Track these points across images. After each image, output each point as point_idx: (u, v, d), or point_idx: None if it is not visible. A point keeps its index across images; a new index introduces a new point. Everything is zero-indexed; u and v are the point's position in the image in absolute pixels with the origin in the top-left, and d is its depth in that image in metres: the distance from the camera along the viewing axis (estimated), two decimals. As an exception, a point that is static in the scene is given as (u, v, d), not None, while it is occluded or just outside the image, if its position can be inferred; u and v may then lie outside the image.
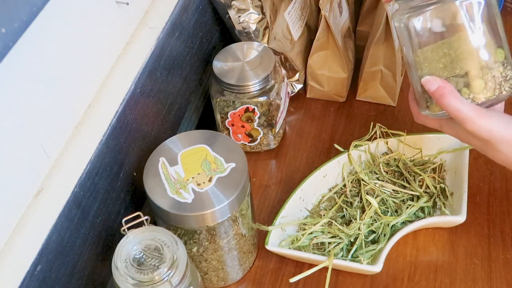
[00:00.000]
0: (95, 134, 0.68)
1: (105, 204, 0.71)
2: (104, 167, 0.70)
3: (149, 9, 0.80)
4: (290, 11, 0.98)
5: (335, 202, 0.85)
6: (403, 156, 0.87)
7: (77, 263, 0.67)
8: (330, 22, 0.91)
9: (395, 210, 0.83)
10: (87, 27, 0.66)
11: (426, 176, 0.84)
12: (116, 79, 0.72)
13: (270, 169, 0.93)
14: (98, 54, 0.70)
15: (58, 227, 0.62)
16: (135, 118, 0.75)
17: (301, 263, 0.80)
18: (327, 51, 0.95)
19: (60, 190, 0.63)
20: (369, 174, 0.86)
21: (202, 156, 0.71)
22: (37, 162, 0.61)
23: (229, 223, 0.71)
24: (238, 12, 0.91)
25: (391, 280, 0.78)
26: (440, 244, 0.81)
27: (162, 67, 0.81)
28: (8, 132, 0.56)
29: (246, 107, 0.87)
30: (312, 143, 0.95)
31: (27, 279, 0.58)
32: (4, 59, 0.47)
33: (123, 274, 0.60)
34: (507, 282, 0.77)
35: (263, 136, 0.92)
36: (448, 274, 0.78)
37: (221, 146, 0.72)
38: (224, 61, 0.87)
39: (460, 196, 0.80)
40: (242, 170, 0.70)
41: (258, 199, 0.88)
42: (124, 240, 0.63)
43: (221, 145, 0.73)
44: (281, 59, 0.96)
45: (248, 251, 0.78)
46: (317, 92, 1.01)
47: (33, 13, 0.49)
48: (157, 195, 0.68)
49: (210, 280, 0.78)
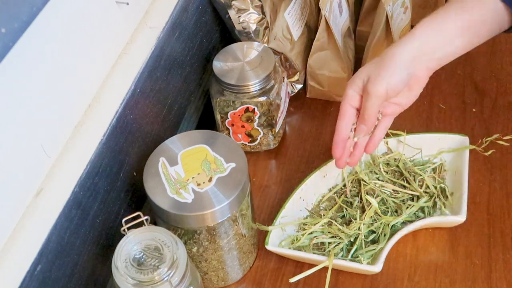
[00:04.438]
0: (95, 134, 0.68)
1: (105, 204, 0.71)
2: (104, 167, 0.70)
3: (149, 9, 0.80)
4: (290, 11, 0.98)
5: (335, 202, 0.85)
6: (403, 156, 0.87)
7: (77, 263, 0.67)
8: (330, 22, 0.91)
9: (395, 210, 0.82)
10: (87, 27, 0.66)
11: (426, 176, 0.84)
12: (116, 79, 0.72)
13: (270, 169, 0.93)
14: (98, 54, 0.70)
15: (58, 227, 0.62)
16: (135, 118, 0.75)
17: (301, 263, 0.80)
18: (327, 51, 0.95)
19: (60, 190, 0.63)
20: (369, 174, 0.86)
21: (202, 156, 0.71)
22: (37, 162, 0.61)
23: (229, 223, 0.71)
24: (238, 12, 0.91)
25: (391, 280, 0.78)
26: (440, 244, 0.81)
27: (162, 67, 0.81)
28: (8, 132, 0.56)
29: (246, 107, 0.87)
30: (312, 143, 0.95)
31: (27, 279, 0.58)
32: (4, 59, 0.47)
33: (123, 274, 0.60)
34: (507, 282, 0.77)
35: (263, 136, 0.92)
36: (448, 274, 0.78)
37: (221, 146, 0.72)
38: (224, 61, 0.87)
39: (460, 196, 0.80)
40: (242, 170, 0.70)
41: (258, 199, 0.88)
42: (124, 240, 0.63)
43: (221, 145, 0.72)
44: (281, 59, 0.96)
45: (248, 251, 0.78)
46: (317, 92, 1.01)
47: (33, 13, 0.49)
48: (157, 195, 0.68)
49: (210, 280, 0.78)
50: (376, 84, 0.70)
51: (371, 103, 0.71)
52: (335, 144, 0.76)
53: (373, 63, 0.72)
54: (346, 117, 0.74)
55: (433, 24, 0.69)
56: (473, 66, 1.03)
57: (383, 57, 0.71)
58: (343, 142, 0.75)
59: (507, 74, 1.02)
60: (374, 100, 0.70)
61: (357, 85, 0.72)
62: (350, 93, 0.73)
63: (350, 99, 0.73)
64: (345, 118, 0.74)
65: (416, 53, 0.69)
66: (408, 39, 0.70)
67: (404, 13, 0.97)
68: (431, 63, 0.70)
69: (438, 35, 0.69)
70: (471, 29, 0.69)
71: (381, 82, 0.69)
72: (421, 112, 0.97)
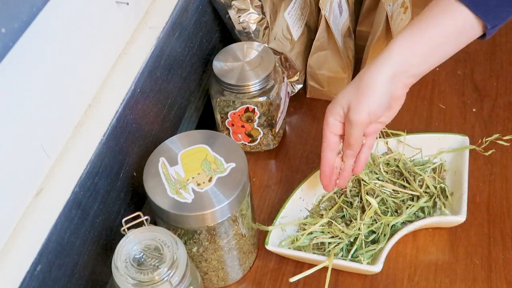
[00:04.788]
0: (95, 134, 0.68)
1: (105, 204, 0.71)
2: (104, 167, 0.70)
3: (149, 9, 0.80)
4: (290, 11, 0.98)
5: (335, 202, 0.85)
6: (403, 156, 0.87)
7: (77, 263, 0.67)
8: (330, 22, 0.91)
9: (395, 210, 0.83)
10: (87, 27, 0.66)
11: (426, 176, 0.84)
12: (116, 79, 0.72)
13: (270, 169, 0.93)
14: (98, 54, 0.70)
15: (58, 227, 0.62)
16: (135, 118, 0.75)
17: (301, 263, 0.80)
18: (327, 51, 0.95)
19: (60, 190, 0.63)
20: (369, 174, 0.86)
21: (202, 156, 0.71)
22: (37, 162, 0.61)
23: (229, 223, 0.71)
24: (238, 12, 0.91)
25: (391, 280, 0.78)
26: (440, 244, 0.81)
27: (162, 67, 0.81)
28: (8, 132, 0.56)
29: (246, 107, 0.87)
30: (312, 143, 0.95)
31: (27, 279, 0.58)
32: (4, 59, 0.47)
33: (123, 274, 0.60)
34: (507, 282, 0.77)
35: (263, 136, 0.92)
36: (448, 274, 0.78)
37: (221, 146, 0.72)
38: (224, 61, 0.87)
39: (460, 196, 0.80)
40: (242, 170, 0.70)
41: (258, 199, 0.88)
42: (124, 240, 0.63)
43: (221, 145, 0.73)
44: (281, 59, 0.96)
45: (248, 251, 0.78)
46: (317, 92, 1.01)
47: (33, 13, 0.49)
48: (157, 195, 0.68)
49: (210, 280, 0.78)
50: (358, 112, 0.70)
51: (355, 131, 0.71)
52: (324, 174, 0.76)
53: (351, 88, 0.71)
54: (331, 145, 0.75)
55: (407, 42, 0.68)
56: (473, 66, 1.03)
57: (360, 82, 0.70)
58: (331, 170, 0.77)
59: (507, 74, 1.02)
60: (357, 128, 0.71)
61: (338, 113, 0.72)
62: (331, 121, 0.73)
63: (331, 128, 0.74)
64: (330, 147, 0.75)
65: (394, 73, 0.69)
66: (384, 60, 0.69)
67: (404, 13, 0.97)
68: (408, 80, 0.70)
69: (414, 54, 0.69)
70: (445, 44, 0.69)
71: (363, 110, 0.69)
72: (421, 112, 0.97)
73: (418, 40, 0.68)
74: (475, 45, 0.72)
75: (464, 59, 1.04)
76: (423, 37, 0.68)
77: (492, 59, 1.04)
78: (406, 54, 0.68)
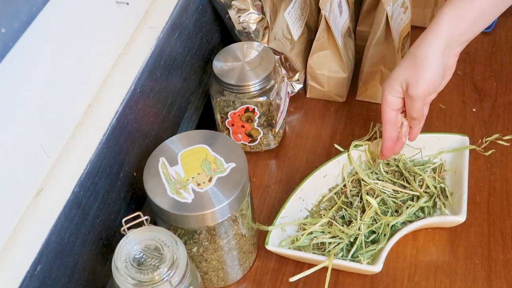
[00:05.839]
0: (95, 134, 0.68)
1: (105, 204, 0.71)
2: (104, 167, 0.70)
3: (149, 9, 0.80)
4: (290, 11, 0.98)
5: (335, 202, 0.85)
6: (403, 156, 0.87)
7: (77, 263, 0.67)
8: (330, 22, 0.91)
9: (395, 210, 0.83)
10: (87, 27, 0.66)
11: (426, 176, 0.84)
12: (116, 79, 0.72)
13: (270, 169, 0.93)
14: (98, 54, 0.70)
15: (58, 227, 0.62)
16: (135, 118, 0.75)
17: (301, 263, 0.80)
18: (327, 51, 0.95)
19: (60, 190, 0.63)
20: (369, 174, 0.86)
21: (202, 156, 0.71)
22: (37, 162, 0.61)
23: (229, 223, 0.71)
24: (238, 12, 0.91)
25: (391, 280, 0.78)
26: (440, 244, 0.81)
27: (162, 67, 0.81)
28: (8, 132, 0.56)
29: (246, 107, 0.87)
30: (312, 143, 0.95)
31: (27, 279, 0.58)
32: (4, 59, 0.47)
33: (123, 274, 0.60)
34: (507, 282, 0.77)
35: (263, 136, 0.92)
36: (448, 274, 0.78)
37: (221, 146, 0.72)
38: (224, 61, 0.87)
39: (460, 196, 0.80)
40: (242, 170, 0.70)
41: (258, 199, 0.88)
42: (124, 240, 0.63)
43: (221, 145, 0.72)
44: (281, 59, 0.96)
45: (248, 251, 0.78)
46: (317, 92, 1.01)
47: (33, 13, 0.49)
48: (157, 195, 0.68)
49: (210, 280, 0.78)
50: (418, 88, 0.74)
51: (417, 104, 0.75)
52: (386, 147, 0.81)
53: (406, 65, 0.75)
54: (391, 120, 0.79)
55: (456, 11, 0.71)
56: (473, 66, 1.03)
57: (415, 58, 0.74)
58: (392, 143, 0.81)
59: (507, 74, 1.02)
60: (419, 101, 0.75)
61: (397, 90, 0.76)
62: (390, 98, 0.77)
63: (391, 104, 0.78)
64: (390, 122, 0.79)
65: (445, 45, 0.72)
66: (435, 34, 0.72)
67: (404, 13, 0.97)
68: (458, 49, 0.74)
69: (463, 22, 0.72)
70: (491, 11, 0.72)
71: (422, 84, 0.73)
72: (421, 112, 0.97)
73: (467, 7, 0.71)
74: (475, 45, 0.72)
75: (464, 59, 1.04)
76: (472, 4, 0.70)
77: (492, 59, 1.04)
78: (455, 24, 0.71)
